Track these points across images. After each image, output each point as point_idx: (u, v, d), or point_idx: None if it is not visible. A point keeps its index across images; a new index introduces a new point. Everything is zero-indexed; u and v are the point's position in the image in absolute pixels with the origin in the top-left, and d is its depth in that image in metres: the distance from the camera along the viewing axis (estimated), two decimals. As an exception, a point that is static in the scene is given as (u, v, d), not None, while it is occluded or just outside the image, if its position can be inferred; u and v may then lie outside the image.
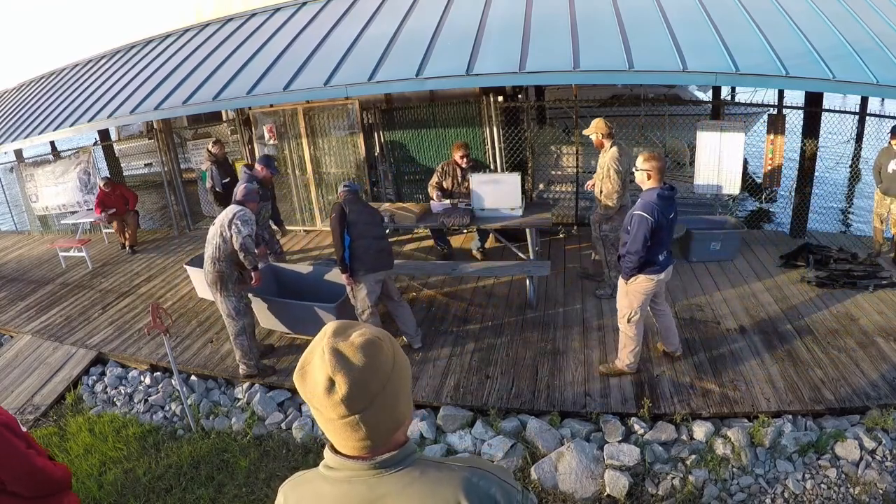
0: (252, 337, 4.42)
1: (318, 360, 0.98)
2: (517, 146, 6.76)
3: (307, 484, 1.10)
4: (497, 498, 1.03)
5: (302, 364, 1.01)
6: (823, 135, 6.40)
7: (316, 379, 0.97)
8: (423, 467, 1.04)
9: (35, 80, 9.95)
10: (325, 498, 1.04)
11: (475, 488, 1.01)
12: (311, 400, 0.99)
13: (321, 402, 0.97)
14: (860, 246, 5.95)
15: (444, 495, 1.00)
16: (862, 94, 5.91)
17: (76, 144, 10.42)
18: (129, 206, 8.11)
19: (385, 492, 1.00)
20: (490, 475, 1.05)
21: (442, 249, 6.41)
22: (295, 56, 6.08)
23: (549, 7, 5.87)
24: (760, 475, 3.24)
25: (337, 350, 0.96)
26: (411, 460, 1.04)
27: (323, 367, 0.96)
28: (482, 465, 1.09)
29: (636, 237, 3.53)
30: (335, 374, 0.94)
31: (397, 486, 1.01)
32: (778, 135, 6.14)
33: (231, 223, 4.11)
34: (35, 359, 5.35)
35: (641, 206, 3.56)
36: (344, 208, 4.23)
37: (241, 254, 4.09)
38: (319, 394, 0.96)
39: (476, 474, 1.04)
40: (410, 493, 1.00)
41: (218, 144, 6.70)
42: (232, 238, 4.09)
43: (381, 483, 1.01)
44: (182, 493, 3.54)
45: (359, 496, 1.01)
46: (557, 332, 4.73)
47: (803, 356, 4.11)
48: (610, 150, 4.75)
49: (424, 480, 1.02)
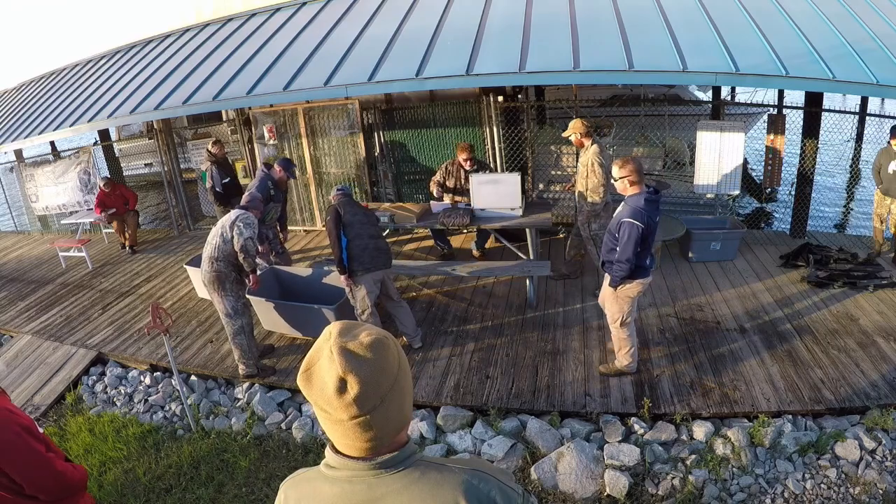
0: (251, 337, 4.42)
1: (325, 361, 0.97)
2: (517, 146, 6.76)
3: (307, 483, 1.10)
4: (497, 500, 1.03)
5: (307, 366, 1.00)
6: (823, 135, 6.40)
7: (324, 380, 0.97)
8: (423, 468, 1.04)
9: (35, 80, 9.95)
10: (324, 497, 1.05)
11: (475, 490, 1.02)
12: (319, 401, 0.98)
13: (330, 403, 0.96)
14: (860, 246, 5.95)
15: (443, 497, 1.00)
16: (862, 94, 5.91)
17: (76, 144, 10.41)
18: (129, 206, 8.11)
19: (385, 492, 1.01)
20: (490, 477, 1.06)
21: (442, 249, 6.41)
22: (295, 56, 6.08)
23: (549, 7, 5.87)
24: (760, 475, 3.24)
25: (347, 350, 0.96)
26: (412, 461, 1.04)
27: (332, 367, 0.96)
28: (482, 466, 1.09)
29: (627, 246, 3.46)
30: (347, 374, 0.94)
31: (397, 487, 1.01)
32: (778, 135, 6.14)
33: (233, 225, 4.14)
34: (35, 359, 5.35)
35: (630, 213, 3.46)
36: (339, 210, 4.27)
37: (241, 255, 4.09)
38: (329, 395, 0.96)
39: (476, 476, 1.04)
40: (410, 493, 1.01)
41: (218, 145, 6.70)
42: (233, 239, 4.11)
43: (381, 483, 1.01)
44: (182, 493, 3.54)
45: (358, 496, 1.01)
46: (557, 332, 4.73)
47: (803, 356, 4.11)
48: (591, 147, 4.89)
49: (424, 481, 1.02)
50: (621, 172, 3.50)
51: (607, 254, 3.70)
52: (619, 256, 3.53)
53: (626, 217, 3.47)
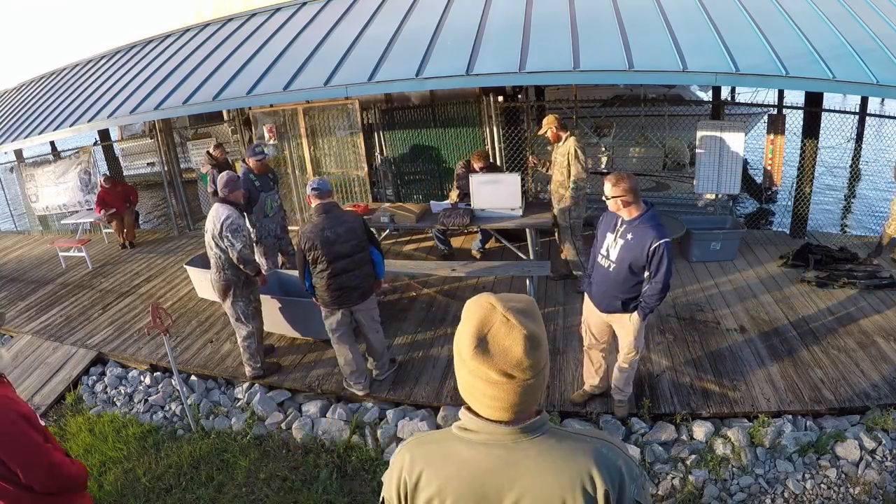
0: (260, 340, 4.42)
1: (502, 327, 1.02)
2: (517, 146, 6.76)
3: (437, 444, 1.13)
4: (623, 470, 1.08)
5: (477, 338, 1.03)
6: (824, 135, 6.40)
7: (506, 345, 1.01)
8: (559, 436, 1.09)
9: (35, 80, 9.95)
10: (459, 458, 1.08)
11: (605, 460, 1.07)
12: (504, 367, 1.01)
13: (518, 364, 1.01)
14: (860, 246, 5.95)
15: (577, 464, 1.05)
16: (862, 94, 5.91)
17: (76, 144, 10.41)
18: (130, 202, 8.12)
19: (522, 456, 1.05)
20: (616, 448, 1.12)
21: (442, 250, 6.42)
22: (295, 56, 6.08)
23: (549, 7, 5.87)
24: (760, 475, 3.24)
25: (520, 311, 1.03)
26: (547, 428, 1.10)
27: (514, 330, 1.01)
28: (610, 438, 1.15)
29: (669, 268, 3.01)
30: (534, 334, 1.01)
31: (534, 452, 1.06)
32: (778, 135, 6.14)
33: (222, 236, 3.98)
34: (35, 359, 5.34)
35: (660, 231, 3.00)
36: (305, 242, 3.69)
37: (241, 265, 4.05)
38: (517, 357, 1.00)
39: (606, 446, 1.10)
40: (545, 459, 1.05)
41: (219, 149, 6.69)
42: (228, 251, 4.01)
43: (518, 448, 1.06)
44: (182, 494, 3.54)
45: (495, 459, 1.05)
46: (557, 332, 4.73)
47: (803, 356, 4.11)
48: (570, 138, 4.96)
49: (560, 449, 1.07)
50: (616, 191, 3.04)
51: (629, 290, 3.19)
52: (662, 283, 3.04)
53: (663, 239, 2.98)
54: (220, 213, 4.03)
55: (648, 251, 3.00)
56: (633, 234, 3.07)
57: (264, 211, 5.44)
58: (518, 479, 1.04)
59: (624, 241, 3.11)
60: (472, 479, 1.05)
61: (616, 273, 3.17)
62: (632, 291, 3.20)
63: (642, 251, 3.02)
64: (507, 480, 1.04)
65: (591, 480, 1.03)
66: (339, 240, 3.68)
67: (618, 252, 3.15)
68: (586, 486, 1.03)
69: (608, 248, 3.23)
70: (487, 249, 6.47)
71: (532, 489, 1.03)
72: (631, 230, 3.08)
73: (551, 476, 1.03)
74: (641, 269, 3.11)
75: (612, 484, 1.05)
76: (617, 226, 3.16)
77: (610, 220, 3.25)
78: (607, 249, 3.24)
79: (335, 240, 3.67)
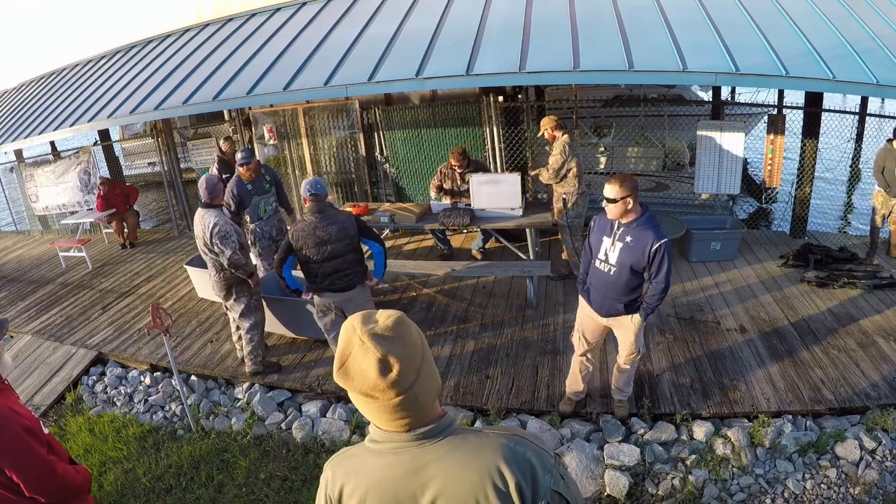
0: (261, 334, 4.45)
1: (358, 350, 1.03)
2: (517, 146, 6.76)
3: (353, 458, 1.17)
4: (533, 462, 1.08)
5: (340, 361, 1.05)
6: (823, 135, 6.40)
7: (363, 368, 1.02)
8: (463, 435, 1.11)
9: (35, 80, 9.95)
10: (372, 469, 1.11)
11: (512, 453, 1.08)
12: (363, 389, 1.03)
13: (375, 387, 1.01)
14: (860, 246, 5.95)
15: (484, 461, 1.06)
16: (862, 94, 5.91)
17: (76, 144, 10.41)
18: (130, 202, 8.12)
19: (429, 459, 1.07)
20: (525, 441, 1.12)
21: (442, 250, 6.42)
22: (295, 56, 6.08)
23: (549, 7, 5.87)
24: (760, 475, 3.24)
25: (376, 334, 1.03)
26: (451, 429, 1.11)
27: (367, 354, 1.01)
28: (518, 432, 1.16)
29: (670, 268, 3.05)
30: (386, 356, 1.01)
31: (440, 454, 1.08)
32: (778, 135, 6.14)
33: (212, 244, 3.96)
34: (35, 359, 5.34)
35: (659, 232, 3.01)
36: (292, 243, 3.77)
37: (233, 270, 4.05)
38: (373, 380, 1.01)
39: (513, 440, 1.11)
40: (452, 459, 1.08)
41: (228, 142, 6.64)
42: (220, 258, 4.01)
43: (424, 452, 1.08)
44: (182, 494, 3.54)
45: (404, 465, 1.08)
46: (557, 332, 4.73)
47: (803, 356, 4.11)
48: (562, 137, 5.09)
49: (465, 447, 1.09)
50: (620, 193, 2.95)
51: (631, 293, 3.20)
52: (664, 283, 3.06)
53: (662, 239, 2.99)
54: (207, 220, 3.98)
55: (649, 252, 3.00)
56: (633, 236, 3.06)
57: (258, 214, 5.38)
58: (429, 481, 1.07)
59: (623, 244, 3.10)
60: (385, 487, 1.09)
61: (617, 276, 3.16)
62: (633, 293, 3.20)
63: (643, 253, 3.02)
64: (419, 485, 1.07)
65: (501, 474, 1.05)
66: (331, 239, 3.71)
67: (617, 255, 3.13)
68: (496, 481, 1.04)
69: (606, 252, 3.20)
70: (487, 249, 6.47)
71: (444, 490, 1.06)
72: (630, 232, 3.07)
73: (460, 474, 1.06)
74: (642, 271, 3.11)
75: (522, 476, 1.05)
76: (613, 229, 3.14)
77: (604, 224, 3.22)
78: (605, 253, 3.21)
79: (327, 239, 3.71)
